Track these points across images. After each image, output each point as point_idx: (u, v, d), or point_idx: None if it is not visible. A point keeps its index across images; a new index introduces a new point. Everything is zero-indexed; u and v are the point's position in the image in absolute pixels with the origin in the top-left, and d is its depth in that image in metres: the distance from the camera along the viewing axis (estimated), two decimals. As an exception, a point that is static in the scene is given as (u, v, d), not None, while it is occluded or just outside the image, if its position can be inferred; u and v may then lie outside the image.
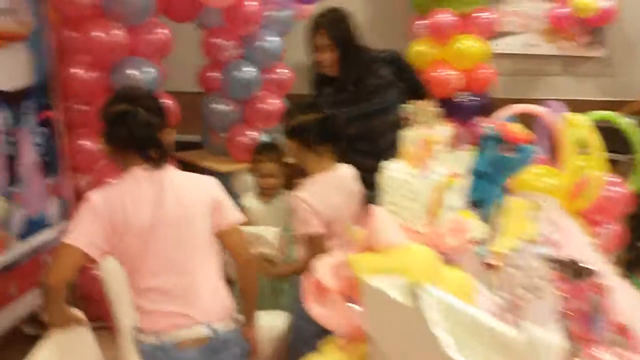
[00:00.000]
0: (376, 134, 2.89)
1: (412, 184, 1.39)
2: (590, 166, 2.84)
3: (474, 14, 3.90)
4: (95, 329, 3.25)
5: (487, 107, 4.12)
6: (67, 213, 3.15)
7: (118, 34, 2.92)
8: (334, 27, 2.74)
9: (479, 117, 4.02)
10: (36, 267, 2.99)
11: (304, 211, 2.12)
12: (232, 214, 1.85)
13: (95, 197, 1.71)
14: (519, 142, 2.26)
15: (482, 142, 2.19)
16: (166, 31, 3.14)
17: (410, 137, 2.17)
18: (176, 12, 3.26)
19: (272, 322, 2.46)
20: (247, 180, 3.56)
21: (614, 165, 2.39)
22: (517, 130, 2.35)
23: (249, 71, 3.47)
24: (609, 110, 2.51)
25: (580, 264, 1.69)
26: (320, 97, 2.84)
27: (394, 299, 0.84)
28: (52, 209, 3.05)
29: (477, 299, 1.10)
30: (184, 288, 1.72)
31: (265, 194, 2.96)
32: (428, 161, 1.39)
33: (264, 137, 3.56)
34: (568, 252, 1.83)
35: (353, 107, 2.81)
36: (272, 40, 3.51)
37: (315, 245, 2.14)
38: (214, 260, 1.81)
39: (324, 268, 1.07)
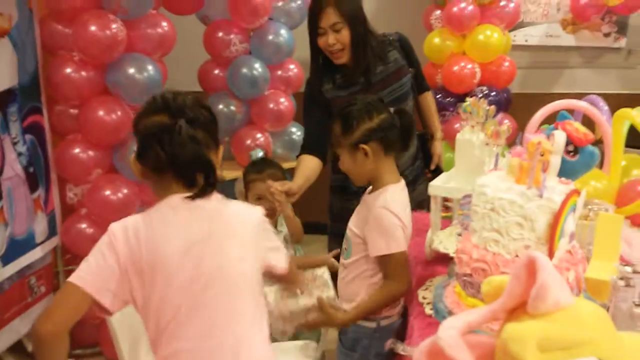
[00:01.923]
0: None
1: (524, 207, 1.09)
2: (639, 166, 2.59)
3: (494, 4, 3.62)
4: (89, 356, 3.01)
5: (508, 103, 3.88)
6: (54, 230, 2.83)
7: (114, 28, 2.59)
8: (343, 1, 2.29)
9: (500, 114, 3.77)
10: (21, 291, 2.69)
11: (397, 228, 1.76)
12: (279, 261, 1.52)
13: (117, 230, 1.33)
14: (584, 144, 1.99)
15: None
16: (167, 25, 2.81)
17: (470, 141, 1.91)
18: (177, 3, 2.95)
19: (302, 353, 2.19)
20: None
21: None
22: (581, 130, 2.05)
23: (256, 68, 3.15)
24: (630, 104, 2.28)
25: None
26: (323, 93, 2.41)
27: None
28: (38, 226, 2.71)
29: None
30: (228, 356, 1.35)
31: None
32: (541, 176, 1.09)
33: (257, 152, 3.11)
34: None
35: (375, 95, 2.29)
36: (282, 34, 3.20)
37: (405, 269, 1.79)
38: (264, 319, 1.46)
39: (452, 335, 0.77)
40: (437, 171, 2.70)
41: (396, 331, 1.81)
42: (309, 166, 2.34)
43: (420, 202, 2.53)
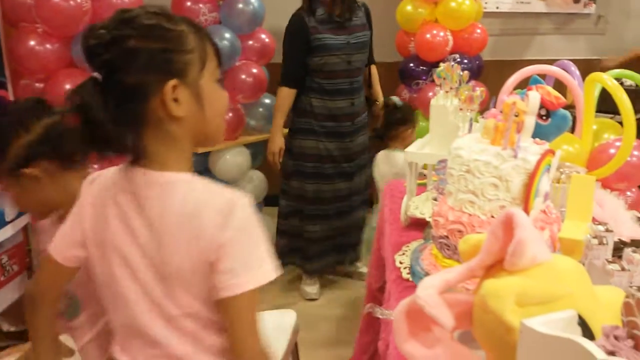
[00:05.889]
0: (354, 69, 3.03)
1: (499, 168, 1.09)
2: (610, 130, 2.62)
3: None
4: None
5: (480, 70, 3.89)
6: (26, 207, 2.78)
7: (78, -3, 2.51)
8: None
9: (472, 81, 3.77)
10: (-7, 272, 2.63)
11: None
12: (240, 275, 1.03)
13: (84, 189, 1.17)
14: (555, 108, 2.00)
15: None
16: (133, -6, 2.74)
17: (444, 106, 1.91)
18: (143, -29, 2.86)
19: (281, 320, 2.20)
20: (227, 161, 3.23)
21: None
22: (552, 93, 2.07)
23: (226, 38, 3.09)
24: (599, 69, 2.31)
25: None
26: (307, 23, 2.91)
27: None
28: (7, 204, 2.65)
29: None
30: None
31: None
32: (516, 137, 1.09)
33: (397, 99, 3.39)
34: (618, 231, 1.60)
35: (346, 35, 2.95)
36: (252, 2, 3.13)
37: None
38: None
39: (431, 294, 0.77)
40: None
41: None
42: (291, 102, 3.04)
43: (362, 150, 3.18)
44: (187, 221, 1.03)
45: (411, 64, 3.73)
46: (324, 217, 3.19)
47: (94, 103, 1.01)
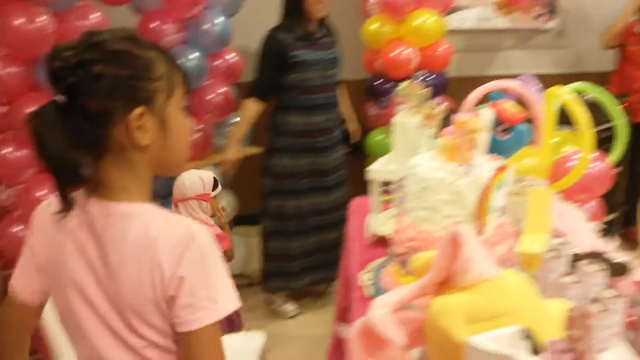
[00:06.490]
0: (330, 85, 3.14)
1: (453, 185, 1.12)
2: (570, 143, 2.68)
3: (428, -12, 3.66)
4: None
5: (445, 86, 3.95)
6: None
7: (43, 20, 2.49)
8: None
9: (438, 97, 3.83)
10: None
11: None
12: (199, 309, 1.01)
13: (39, 209, 1.14)
14: (514, 122, 2.05)
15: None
16: (99, 16, 2.73)
17: (405, 123, 1.93)
18: (108, -7, 2.85)
19: (247, 344, 2.19)
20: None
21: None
22: (512, 109, 2.11)
23: (193, 58, 3.10)
24: (562, 83, 2.37)
25: (618, 260, 1.50)
26: (289, 33, 3.00)
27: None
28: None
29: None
30: None
31: None
32: (469, 154, 1.12)
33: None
34: (577, 243, 1.63)
35: (321, 52, 3.07)
36: (218, 23, 3.15)
37: None
38: None
39: (383, 313, 0.78)
40: (355, 146, 3.58)
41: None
42: (255, 116, 3.08)
43: (339, 165, 3.25)
44: (144, 254, 1.01)
45: (378, 81, 3.78)
46: (303, 232, 3.19)
47: (53, 126, 1.00)
